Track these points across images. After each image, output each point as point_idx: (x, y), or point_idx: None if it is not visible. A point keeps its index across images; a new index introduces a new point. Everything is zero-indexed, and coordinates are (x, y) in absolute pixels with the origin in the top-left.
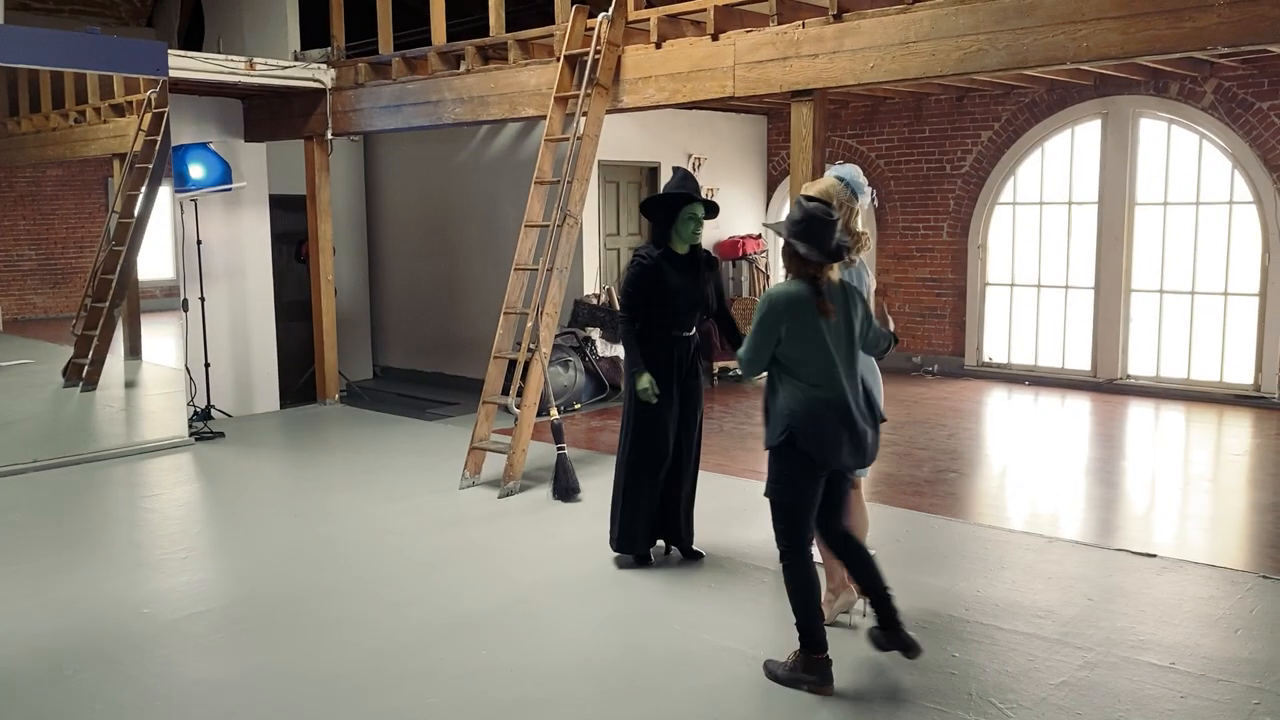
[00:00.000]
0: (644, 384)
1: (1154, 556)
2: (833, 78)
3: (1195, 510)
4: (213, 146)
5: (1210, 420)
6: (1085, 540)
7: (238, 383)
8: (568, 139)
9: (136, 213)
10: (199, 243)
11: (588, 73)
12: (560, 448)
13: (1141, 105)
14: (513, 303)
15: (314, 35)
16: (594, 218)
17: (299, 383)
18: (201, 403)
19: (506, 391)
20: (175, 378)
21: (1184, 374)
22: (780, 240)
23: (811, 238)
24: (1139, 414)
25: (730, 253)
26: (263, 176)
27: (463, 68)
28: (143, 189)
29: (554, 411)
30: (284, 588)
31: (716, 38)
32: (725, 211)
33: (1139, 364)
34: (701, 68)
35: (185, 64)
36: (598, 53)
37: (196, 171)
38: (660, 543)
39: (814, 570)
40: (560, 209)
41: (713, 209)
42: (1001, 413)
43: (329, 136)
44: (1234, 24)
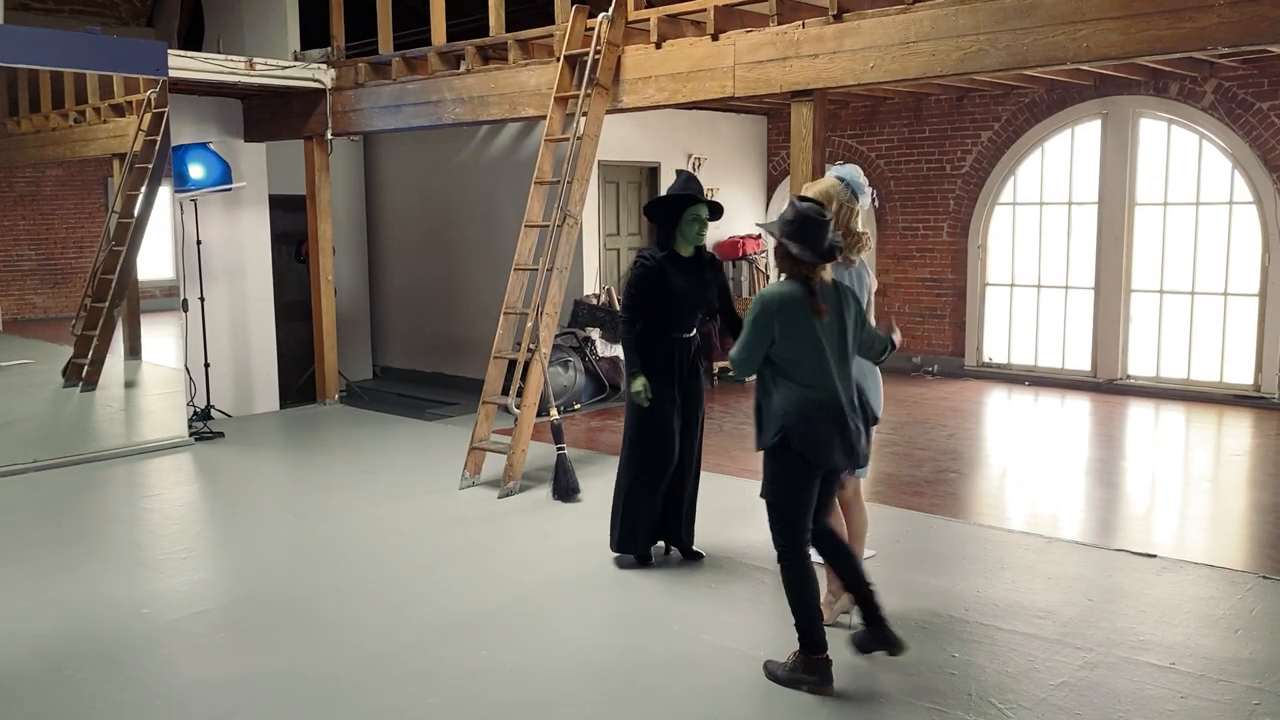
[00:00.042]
0: (637, 387)
1: (1154, 557)
2: (833, 78)
3: (1195, 510)
4: (213, 146)
5: (1210, 420)
6: (1085, 540)
7: (237, 383)
8: (568, 139)
9: (136, 213)
10: (199, 243)
11: (588, 73)
12: (560, 448)
13: (1141, 105)
14: (513, 303)
15: (314, 35)
16: (594, 218)
17: (299, 383)
18: (201, 403)
19: (506, 392)
20: (175, 378)
21: (1184, 374)
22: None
23: (804, 238)
24: (1139, 414)
25: (730, 253)
26: (262, 176)
27: (463, 68)
28: (142, 189)
29: (554, 412)
30: (284, 588)
31: (716, 38)
32: (725, 212)
33: (1139, 364)
34: (701, 68)
35: (185, 64)
36: (598, 53)
37: (196, 171)
38: (660, 543)
39: (812, 570)
40: (560, 209)
41: (716, 210)
42: (1001, 413)
43: (329, 136)
44: (1234, 24)
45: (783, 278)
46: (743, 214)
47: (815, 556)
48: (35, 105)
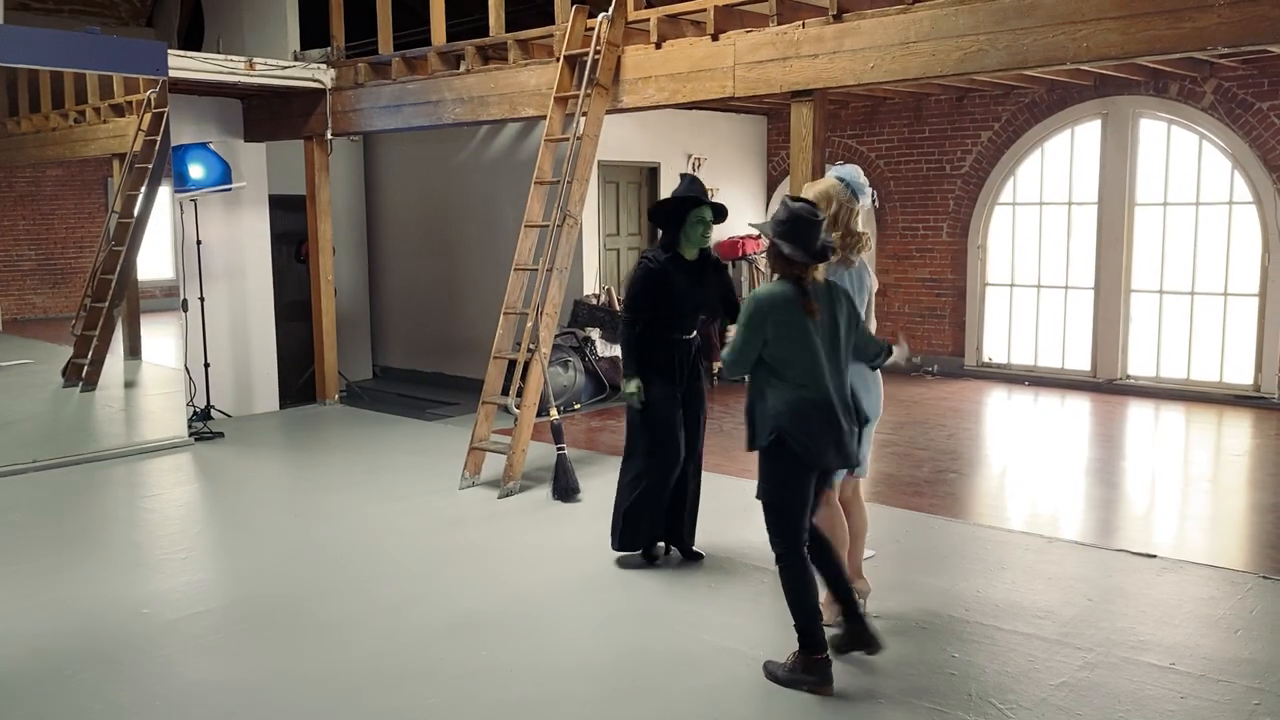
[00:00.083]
0: (631, 389)
1: (1154, 557)
2: (833, 78)
3: (1195, 511)
4: (212, 146)
5: (1210, 420)
6: (1085, 541)
7: (237, 383)
8: (568, 139)
9: (136, 213)
10: (199, 243)
11: (588, 73)
12: (560, 448)
13: (1141, 105)
14: (512, 303)
15: (314, 35)
16: (594, 218)
17: (299, 383)
18: (201, 403)
19: (506, 392)
20: (175, 378)
21: (1184, 374)
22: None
23: (797, 238)
24: (1139, 414)
25: (730, 253)
26: (262, 176)
27: (463, 68)
28: (142, 189)
29: (554, 412)
30: (284, 588)
31: (716, 38)
32: (728, 213)
33: (1139, 364)
34: (701, 68)
35: (185, 64)
36: (598, 53)
37: (196, 171)
38: (660, 543)
39: (810, 570)
40: (560, 209)
41: (721, 212)
42: (1001, 413)
43: (329, 136)
44: (1234, 24)
45: (775, 278)
46: (743, 214)
47: None
48: (35, 105)
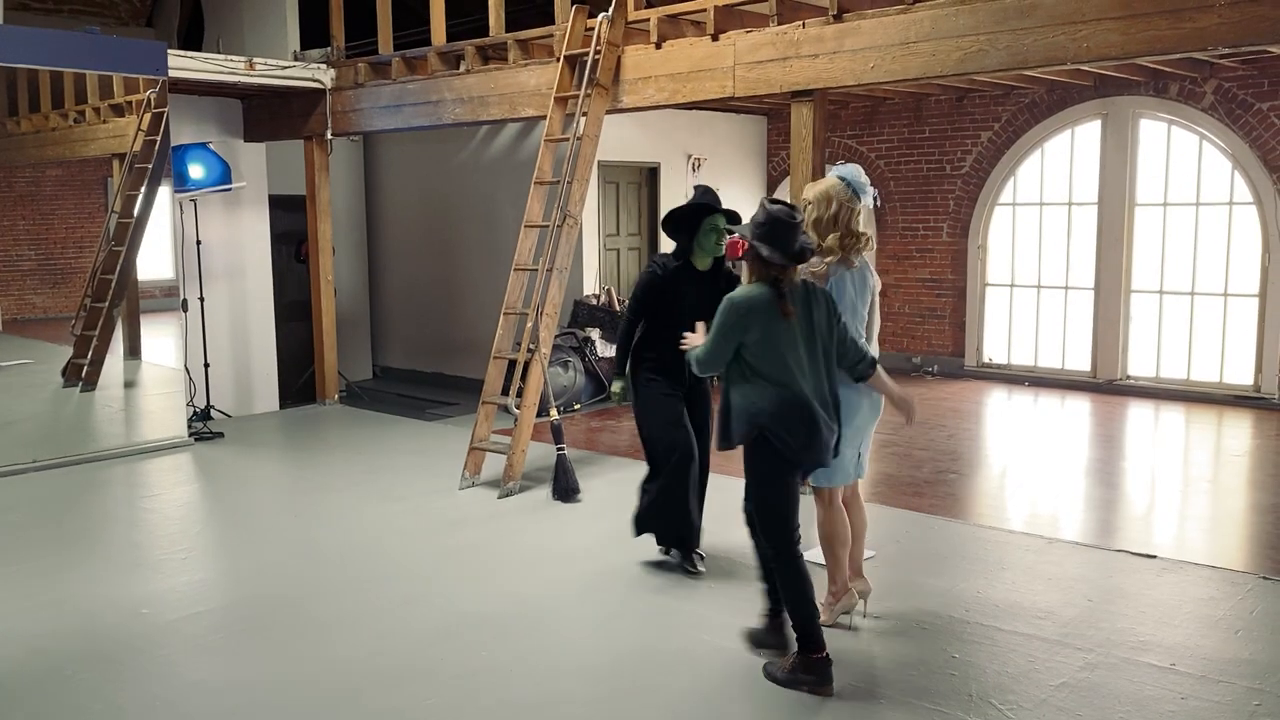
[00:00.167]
0: (616, 388)
1: (1154, 558)
2: (833, 78)
3: (1195, 511)
4: (212, 146)
5: (1210, 421)
6: (1085, 541)
7: (237, 383)
8: (567, 139)
9: (136, 213)
10: (198, 243)
11: (588, 73)
12: (560, 448)
13: (1141, 106)
14: (512, 303)
15: (314, 35)
16: (594, 218)
17: (299, 383)
18: (201, 403)
19: (506, 392)
20: (175, 378)
21: (1184, 375)
22: None
23: (775, 240)
24: (1139, 415)
25: (730, 253)
26: (262, 176)
27: (463, 68)
28: (142, 189)
29: (554, 412)
30: (283, 588)
31: (716, 38)
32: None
33: (1139, 365)
34: (701, 68)
35: (185, 64)
36: (598, 53)
37: (196, 171)
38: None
39: (805, 568)
40: (560, 209)
41: (735, 218)
42: (1001, 413)
43: (329, 136)
44: (1234, 24)
45: (752, 280)
46: (743, 215)
47: (808, 556)
48: (35, 105)
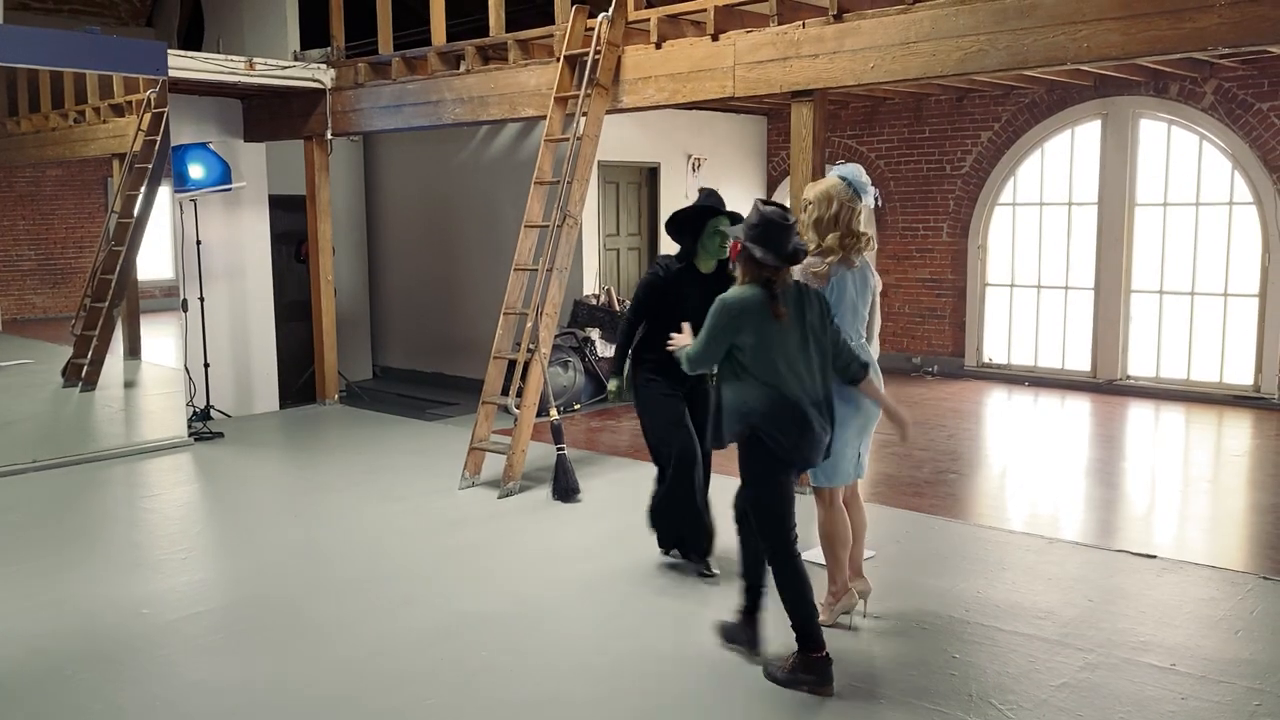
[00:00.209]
0: (612, 386)
1: (1154, 558)
2: (833, 78)
3: (1195, 511)
4: (212, 146)
5: (1210, 421)
6: (1085, 541)
7: (237, 383)
8: (568, 139)
9: (136, 213)
10: (198, 243)
11: (588, 73)
12: (560, 448)
13: (1141, 106)
14: (512, 303)
15: (314, 35)
16: (594, 218)
17: (299, 383)
18: (201, 403)
19: (506, 392)
20: (175, 378)
21: (1184, 375)
22: None
23: (768, 242)
24: (1139, 415)
25: (732, 255)
26: (262, 176)
27: (463, 68)
28: (142, 189)
29: (554, 412)
30: (283, 589)
31: (716, 38)
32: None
33: (1139, 365)
34: (701, 68)
35: (185, 64)
36: (598, 53)
37: (196, 171)
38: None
39: (803, 567)
40: (560, 209)
41: (739, 221)
42: (1001, 413)
43: (329, 136)
44: (1234, 24)
45: (744, 281)
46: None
47: (808, 555)
48: (35, 105)
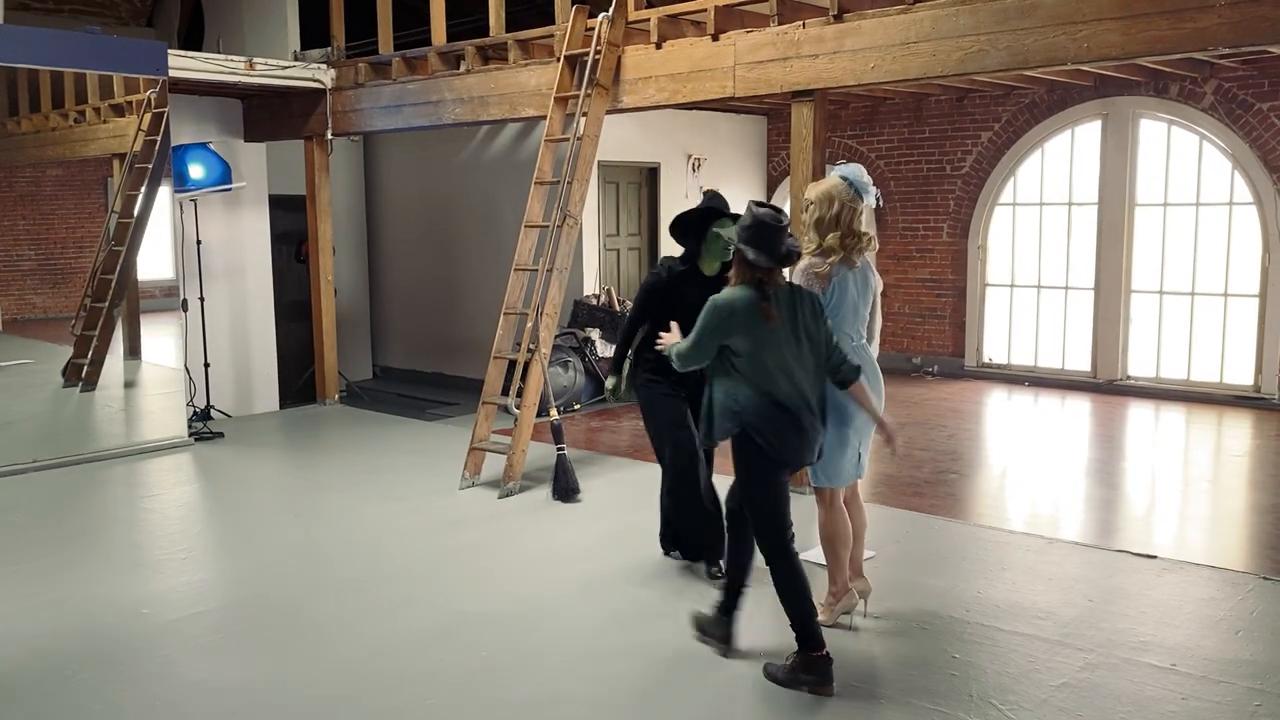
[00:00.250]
0: (610, 385)
1: (1154, 558)
2: (833, 78)
3: (1195, 511)
4: (212, 146)
5: (1210, 421)
6: (1085, 541)
7: (237, 383)
8: (568, 139)
9: (136, 213)
10: (199, 243)
11: (588, 73)
12: (560, 448)
13: (1141, 106)
14: (512, 303)
15: (314, 35)
16: (594, 218)
17: (299, 383)
18: (201, 403)
19: (506, 392)
20: (175, 378)
21: (1184, 375)
22: None
23: (761, 243)
24: (1139, 415)
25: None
26: (262, 176)
27: (463, 68)
28: (142, 189)
29: (554, 412)
30: (283, 589)
31: (717, 38)
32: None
33: (1139, 365)
34: (701, 68)
35: (185, 64)
36: (598, 53)
37: (196, 171)
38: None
39: (800, 566)
40: (560, 209)
41: None
42: (1001, 414)
43: (329, 136)
44: (1235, 24)
45: (737, 282)
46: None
47: (808, 556)
48: (35, 105)
